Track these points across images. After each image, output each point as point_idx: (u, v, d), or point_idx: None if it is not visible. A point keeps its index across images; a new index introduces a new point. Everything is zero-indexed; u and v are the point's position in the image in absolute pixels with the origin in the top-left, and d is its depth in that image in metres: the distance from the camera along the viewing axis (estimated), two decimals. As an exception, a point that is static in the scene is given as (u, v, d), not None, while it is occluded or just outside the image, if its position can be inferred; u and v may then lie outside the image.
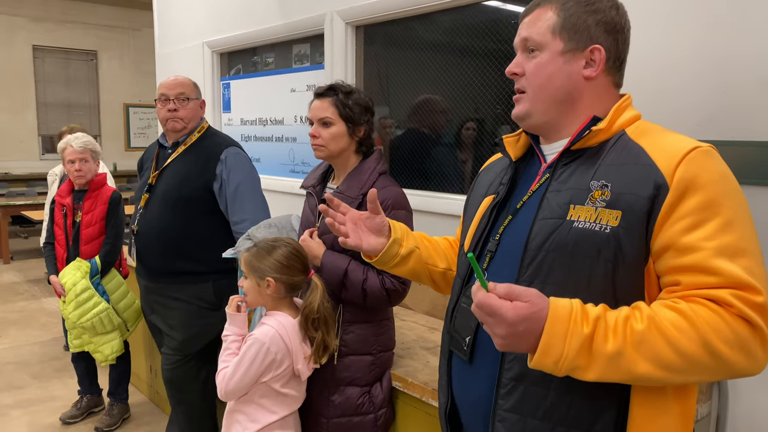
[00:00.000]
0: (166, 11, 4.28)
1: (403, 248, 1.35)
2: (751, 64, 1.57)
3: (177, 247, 2.44)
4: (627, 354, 0.93)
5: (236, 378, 1.76)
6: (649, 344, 0.93)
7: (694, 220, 0.97)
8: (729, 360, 0.93)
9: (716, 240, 0.95)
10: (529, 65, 1.15)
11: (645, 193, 1.00)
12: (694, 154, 1.00)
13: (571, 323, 0.94)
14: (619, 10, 1.14)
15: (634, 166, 1.03)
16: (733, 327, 0.92)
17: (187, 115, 2.50)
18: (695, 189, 0.97)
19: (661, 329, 0.93)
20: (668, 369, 0.93)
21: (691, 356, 0.92)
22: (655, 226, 0.99)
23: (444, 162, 2.58)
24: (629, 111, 1.14)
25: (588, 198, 1.05)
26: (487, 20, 2.33)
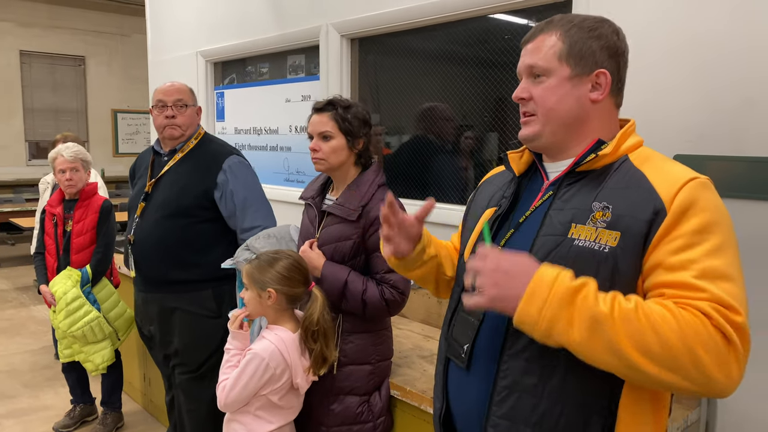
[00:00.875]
0: (159, 19, 4.30)
1: (426, 255, 1.37)
2: (738, 86, 1.63)
3: (175, 256, 2.42)
4: (611, 323, 0.97)
5: (235, 391, 1.79)
6: (633, 324, 0.96)
7: (685, 242, 1.02)
8: (704, 365, 0.95)
9: (703, 263, 1.00)
10: (537, 90, 1.18)
11: (644, 217, 1.05)
12: (693, 183, 1.05)
13: (559, 277, 1.01)
14: (619, 35, 1.19)
15: (636, 191, 1.08)
16: (712, 335, 0.95)
17: (185, 122, 2.47)
18: (691, 215, 1.03)
19: (647, 314, 0.97)
20: (647, 355, 0.95)
21: (670, 348, 0.95)
22: (649, 247, 1.04)
23: (440, 172, 2.62)
24: (633, 137, 1.18)
25: (589, 218, 1.10)
26: (479, 31, 2.38)
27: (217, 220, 2.43)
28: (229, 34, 3.60)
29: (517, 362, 1.13)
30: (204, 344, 2.44)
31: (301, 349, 1.83)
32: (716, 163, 1.67)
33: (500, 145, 2.41)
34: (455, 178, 2.56)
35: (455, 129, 2.58)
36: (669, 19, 1.75)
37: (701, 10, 1.69)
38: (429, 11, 2.42)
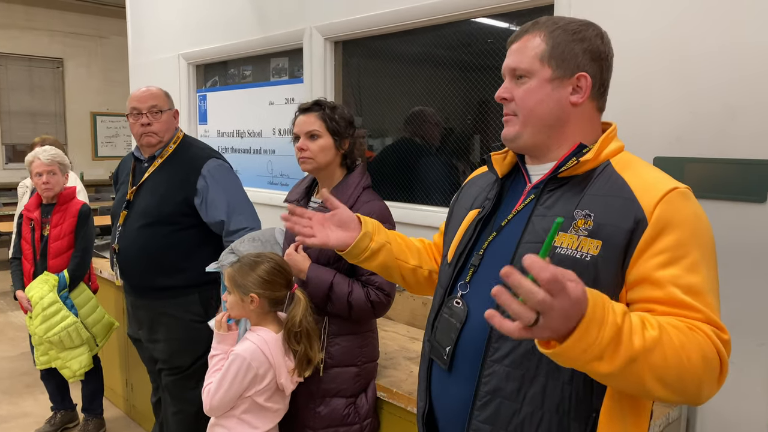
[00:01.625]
0: (140, 21, 4.26)
1: (374, 242, 1.37)
2: (717, 89, 1.67)
3: (160, 263, 2.41)
4: (643, 358, 0.93)
5: (220, 394, 1.78)
6: (656, 354, 0.93)
7: (668, 257, 1.03)
8: (703, 387, 0.98)
9: (688, 278, 1.02)
10: (518, 91, 1.19)
11: (625, 226, 1.06)
12: (673, 194, 1.06)
13: (606, 311, 0.91)
14: (603, 39, 1.20)
15: (617, 199, 1.09)
16: (716, 359, 0.98)
17: (161, 128, 2.44)
18: (671, 228, 1.04)
19: (671, 342, 0.95)
20: (662, 382, 0.95)
21: (683, 378, 0.96)
22: (632, 258, 1.05)
23: (424, 174, 2.64)
24: (615, 142, 1.19)
25: (571, 226, 1.10)
26: (463, 34, 2.40)
27: (201, 225, 2.42)
28: (211, 36, 3.59)
29: (499, 368, 1.14)
30: (191, 348, 2.44)
31: (285, 349, 1.83)
32: (696, 165, 1.70)
33: (482, 148, 2.43)
34: (439, 180, 2.58)
35: (441, 133, 2.59)
36: (650, 23, 1.78)
37: (682, 15, 1.72)
38: (412, 15, 2.44)
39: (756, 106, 1.60)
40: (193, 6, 3.72)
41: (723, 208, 1.67)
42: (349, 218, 1.37)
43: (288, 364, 1.83)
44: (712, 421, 1.75)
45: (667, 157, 1.74)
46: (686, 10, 1.71)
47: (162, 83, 3.11)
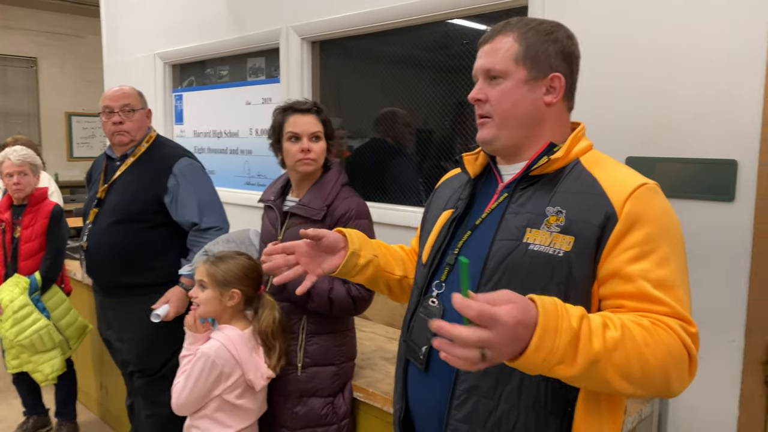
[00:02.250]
0: (115, 20, 4.21)
1: (362, 258, 1.36)
2: (685, 90, 1.70)
3: (128, 261, 2.40)
4: (605, 359, 0.94)
5: (186, 392, 1.78)
6: (619, 353, 0.95)
7: (638, 252, 1.04)
8: (672, 381, 1.00)
9: (657, 272, 1.03)
10: (493, 92, 1.19)
11: (596, 222, 1.07)
12: (642, 190, 1.08)
13: (560, 318, 0.91)
14: (573, 40, 1.22)
15: (588, 195, 1.11)
16: (682, 352, 1.00)
17: (133, 127, 2.45)
18: (641, 223, 1.05)
19: (633, 341, 0.96)
20: (628, 380, 0.97)
21: (650, 373, 0.98)
22: (603, 253, 1.07)
23: (399, 174, 2.64)
24: (584, 141, 1.21)
25: (544, 222, 1.11)
26: (440, 35, 2.41)
27: (170, 224, 2.42)
28: (187, 36, 3.56)
29: (468, 384, 1.15)
30: (162, 348, 2.42)
31: (254, 346, 1.83)
32: (666, 165, 1.73)
33: (461, 149, 2.45)
34: (414, 180, 2.59)
35: (412, 134, 2.60)
36: (621, 26, 1.81)
37: (652, 18, 1.75)
38: (388, 15, 2.44)
39: (723, 107, 1.63)
40: (169, 5, 3.69)
41: (693, 207, 1.69)
42: (336, 240, 1.34)
43: (257, 360, 1.83)
44: (683, 416, 1.78)
45: (639, 157, 1.77)
46: (656, 14, 1.74)
47: (137, 83, 3.07)
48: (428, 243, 1.32)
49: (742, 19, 1.59)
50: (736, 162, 1.62)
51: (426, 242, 1.34)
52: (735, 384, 1.66)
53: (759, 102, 1.58)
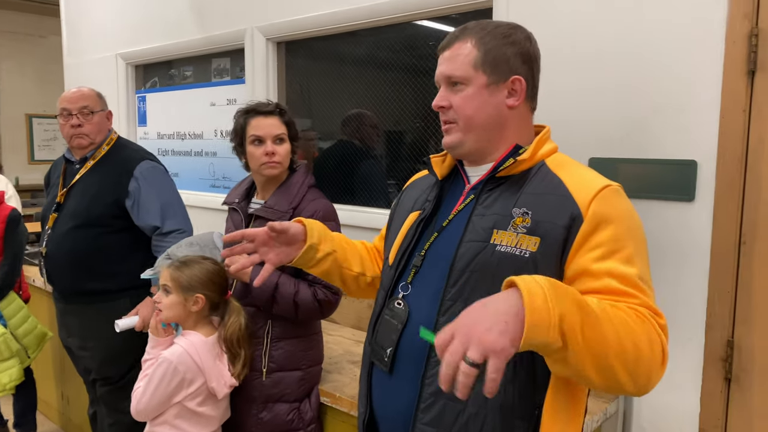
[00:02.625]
0: (75, 19, 4.11)
1: (320, 252, 1.37)
2: (645, 91, 1.72)
3: (89, 266, 2.34)
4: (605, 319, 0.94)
5: (146, 397, 1.74)
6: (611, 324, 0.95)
7: (604, 251, 1.06)
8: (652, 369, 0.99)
9: (623, 270, 1.04)
10: (456, 99, 1.20)
11: (562, 222, 1.08)
12: (607, 191, 1.10)
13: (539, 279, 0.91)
14: (531, 41, 1.23)
15: (553, 197, 1.12)
16: (657, 337, 1.00)
17: (92, 129, 2.39)
18: (606, 224, 1.07)
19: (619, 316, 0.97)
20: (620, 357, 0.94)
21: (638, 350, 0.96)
22: (569, 253, 1.08)
23: (368, 176, 2.63)
24: (549, 143, 1.23)
25: (510, 224, 1.12)
26: (406, 37, 2.41)
27: (132, 228, 2.37)
28: (150, 36, 3.49)
29: (436, 387, 1.13)
30: (126, 355, 2.37)
31: (218, 353, 1.80)
32: (628, 166, 1.75)
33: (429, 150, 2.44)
34: (381, 182, 2.58)
35: (380, 135, 2.60)
36: (582, 27, 1.82)
37: (612, 19, 1.77)
38: (353, 16, 2.43)
39: (682, 108, 1.66)
40: (131, 4, 3.61)
41: (654, 207, 1.72)
42: (297, 233, 1.35)
43: (221, 367, 1.79)
44: (647, 414, 1.80)
45: (602, 158, 1.79)
46: (617, 14, 1.76)
47: (99, 84, 3.00)
48: (395, 244, 1.32)
49: (700, 19, 1.62)
50: (696, 162, 1.65)
51: (393, 243, 1.34)
52: (696, 381, 1.69)
53: (716, 103, 1.60)
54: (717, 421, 1.66)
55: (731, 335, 1.63)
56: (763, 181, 1.57)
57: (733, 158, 1.59)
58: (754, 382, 1.62)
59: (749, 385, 1.62)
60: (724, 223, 1.61)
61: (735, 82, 1.57)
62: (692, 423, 1.70)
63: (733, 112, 1.58)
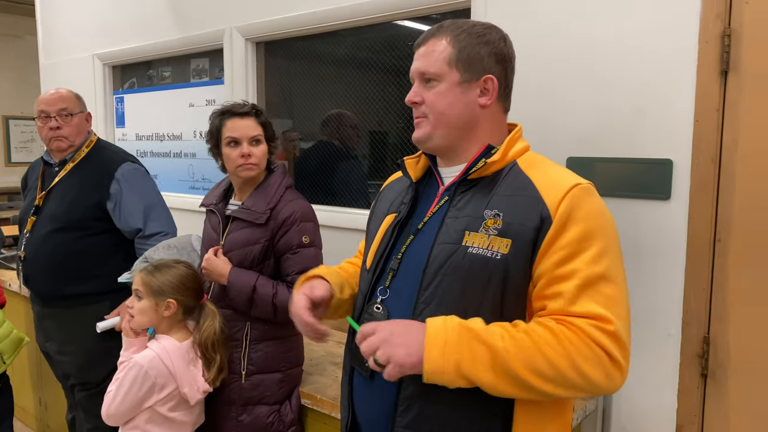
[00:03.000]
0: (51, 19, 4.05)
1: (342, 301, 1.38)
2: (624, 91, 1.73)
3: (69, 270, 2.31)
4: (507, 354, 1.02)
5: (116, 402, 1.73)
6: (524, 350, 1.02)
7: (568, 252, 1.07)
8: (591, 378, 1.02)
9: (585, 271, 1.05)
10: (429, 94, 1.21)
11: (531, 224, 1.09)
12: (576, 190, 1.10)
13: (447, 319, 1.07)
14: (506, 42, 1.23)
15: (523, 198, 1.12)
16: (593, 350, 1.02)
17: (71, 132, 2.36)
18: (573, 222, 1.07)
19: (534, 339, 1.03)
20: (542, 376, 1.02)
21: (558, 368, 1.02)
22: (538, 254, 1.08)
23: (348, 176, 2.62)
24: (521, 142, 1.23)
25: (482, 226, 1.12)
26: (386, 37, 2.41)
27: (113, 230, 2.34)
28: (128, 36, 3.45)
29: (411, 390, 1.15)
30: (105, 360, 2.33)
31: (192, 358, 1.78)
32: (604, 165, 1.77)
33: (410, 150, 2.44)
34: (361, 183, 2.57)
35: (360, 135, 2.59)
36: (559, 25, 1.83)
37: (590, 17, 1.78)
38: (332, 16, 2.42)
39: (658, 108, 1.68)
40: (108, 4, 3.57)
41: (631, 206, 1.73)
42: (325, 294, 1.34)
43: (194, 373, 1.78)
44: (626, 410, 1.81)
45: (578, 157, 1.80)
46: (592, 15, 1.77)
47: (76, 85, 2.96)
48: (372, 248, 1.32)
49: (675, 19, 1.64)
50: (672, 161, 1.66)
51: (370, 247, 1.33)
52: (673, 377, 1.71)
53: (691, 103, 1.62)
54: (694, 417, 1.68)
55: (707, 332, 1.65)
56: (736, 179, 1.59)
57: (707, 157, 1.61)
58: (729, 378, 1.64)
59: (725, 380, 1.64)
60: (699, 222, 1.63)
61: (708, 82, 1.59)
62: (670, 419, 1.72)
63: (707, 111, 1.60)
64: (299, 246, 1.82)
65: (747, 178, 1.57)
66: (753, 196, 1.57)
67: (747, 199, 1.58)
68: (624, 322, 1.06)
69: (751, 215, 1.57)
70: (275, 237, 1.83)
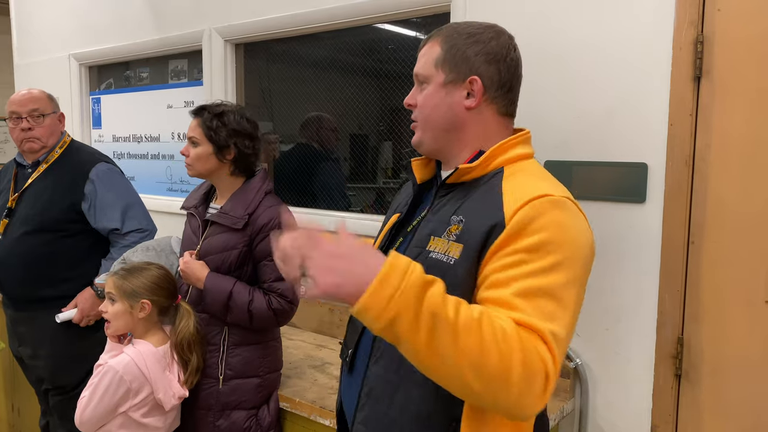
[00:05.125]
0: (26, 18, 3.98)
1: None
2: (600, 95, 1.75)
3: (43, 273, 2.28)
4: (453, 329, 0.88)
5: (90, 407, 1.70)
6: (472, 335, 0.88)
7: (515, 260, 0.99)
8: (518, 385, 0.89)
9: (526, 281, 0.97)
10: (420, 97, 1.21)
11: (482, 230, 1.05)
12: (541, 201, 1.03)
13: (412, 265, 0.90)
14: (499, 40, 1.19)
15: (485, 205, 1.08)
16: (536, 360, 0.91)
17: (43, 133, 2.33)
18: (529, 232, 1.00)
19: (488, 329, 0.90)
20: (476, 370, 0.88)
21: (499, 364, 0.89)
22: (484, 260, 1.04)
23: (327, 179, 2.62)
24: (518, 149, 1.17)
25: (446, 231, 1.11)
26: (366, 41, 2.41)
27: (87, 231, 2.32)
28: (105, 36, 3.40)
29: (377, 369, 1.16)
30: (78, 364, 2.31)
31: (168, 363, 1.77)
32: (582, 168, 1.79)
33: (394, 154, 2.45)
34: (341, 185, 2.57)
35: (339, 138, 2.59)
36: (536, 30, 1.85)
37: (565, 24, 1.80)
38: (312, 19, 2.42)
39: (633, 112, 1.70)
40: (85, 3, 3.52)
41: (607, 209, 1.76)
42: None
43: (170, 378, 1.76)
44: (602, 411, 1.84)
45: (557, 161, 1.82)
46: (568, 20, 1.79)
47: (51, 85, 2.93)
48: (375, 245, 1.32)
49: (649, 25, 1.66)
50: (646, 165, 1.69)
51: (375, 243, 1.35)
52: (648, 378, 1.73)
53: (665, 108, 1.65)
54: (668, 416, 1.71)
55: (681, 333, 1.68)
56: (709, 183, 1.62)
57: (680, 161, 1.64)
58: (703, 378, 1.67)
59: (698, 381, 1.67)
60: (674, 224, 1.66)
61: (682, 88, 1.62)
62: (645, 419, 1.75)
63: (681, 116, 1.63)
64: None
65: (720, 180, 1.61)
66: (725, 198, 1.60)
67: (720, 202, 1.61)
68: (561, 347, 0.94)
69: (723, 217, 1.61)
70: (253, 243, 1.81)
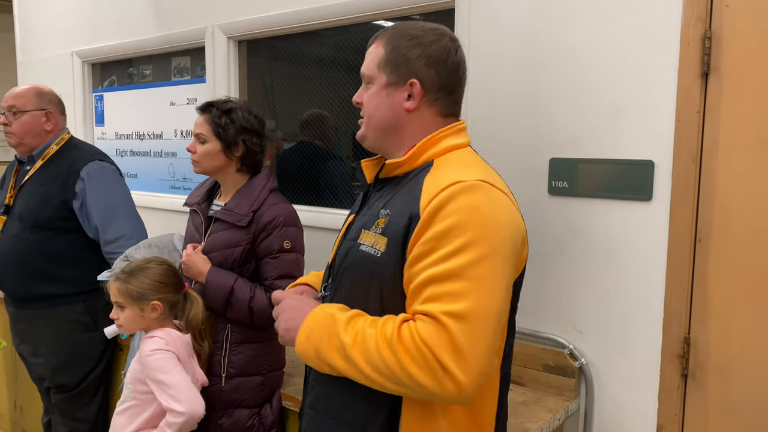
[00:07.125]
0: (29, 16, 3.98)
1: None
2: (605, 92, 1.74)
3: (40, 270, 2.26)
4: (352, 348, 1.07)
5: (180, 388, 1.63)
6: (359, 346, 1.06)
7: (425, 249, 1.05)
8: (418, 380, 1.00)
9: (433, 268, 1.02)
10: (365, 96, 1.25)
11: (402, 222, 1.10)
12: (453, 188, 1.06)
13: (325, 307, 1.16)
14: (439, 44, 1.19)
15: (407, 197, 1.13)
16: (422, 352, 1.00)
17: (19, 129, 2.31)
18: (439, 219, 1.04)
19: (364, 338, 1.06)
20: (376, 370, 1.04)
21: (389, 366, 1.02)
22: (407, 253, 1.09)
23: (331, 177, 2.61)
24: (449, 140, 1.20)
25: (374, 224, 1.16)
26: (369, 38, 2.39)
27: (82, 230, 2.30)
28: (108, 33, 3.40)
29: (315, 374, 1.24)
30: (79, 362, 2.30)
31: (191, 352, 1.77)
32: (588, 166, 1.77)
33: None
34: (345, 183, 2.56)
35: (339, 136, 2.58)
36: (544, 27, 1.84)
37: (573, 21, 1.79)
38: (315, 15, 2.41)
39: (640, 109, 1.69)
40: (88, 0, 3.51)
41: (613, 207, 1.74)
42: None
43: (194, 365, 1.77)
44: (608, 410, 1.82)
45: (562, 159, 1.80)
46: (577, 15, 1.77)
47: (54, 83, 2.92)
48: (334, 246, 1.38)
49: (656, 21, 1.65)
50: (653, 162, 1.67)
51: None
52: (654, 377, 1.72)
53: (672, 104, 1.63)
54: (674, 416, 1.69)
55: (687, 332, 1.66)
56: (717, 180, 1.60)
57: (688, 159, 1.62)
58: (709, 378, 1.65)
59: (705, 380, 1.66)
60: (681, 222, 1.64)
61: (689, 84, 1.61)
62: (651, 419, 1.73)
63: (688, 113, 1.61)
64: (280, 251, 1.80)
65: (727, 178, 1.59)
66: (733, 196, 1.58)
67: (727, 200, 1.59)
68: (468, 324, 0.99)
69: (731, 216, 1.59)
70: (256, 240, 1.80)
